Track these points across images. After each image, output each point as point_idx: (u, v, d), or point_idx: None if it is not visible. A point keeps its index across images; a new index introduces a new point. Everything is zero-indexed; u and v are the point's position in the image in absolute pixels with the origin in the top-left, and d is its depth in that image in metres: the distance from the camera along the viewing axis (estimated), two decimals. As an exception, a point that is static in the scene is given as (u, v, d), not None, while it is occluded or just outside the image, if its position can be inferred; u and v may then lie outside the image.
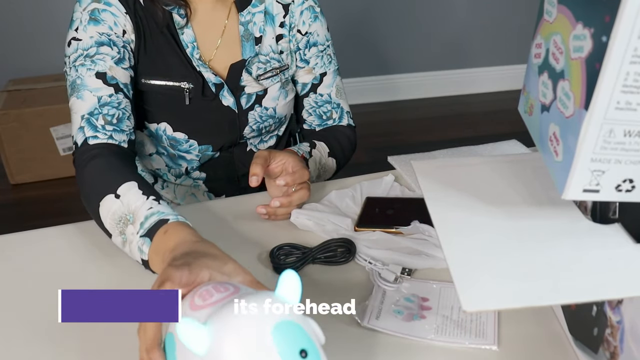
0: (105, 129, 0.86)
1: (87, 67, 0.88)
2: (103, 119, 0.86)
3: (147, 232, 0.70)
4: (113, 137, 0.86)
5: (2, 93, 2.33)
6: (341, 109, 1.10)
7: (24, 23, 2.49)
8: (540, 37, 0.61)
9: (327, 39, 1.08)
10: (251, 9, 1.01)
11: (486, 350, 0.62)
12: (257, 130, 1.05)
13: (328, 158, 1.03)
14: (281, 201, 0.84)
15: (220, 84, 0.99)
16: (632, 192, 0.51)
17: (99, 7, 0.90)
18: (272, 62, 1.03)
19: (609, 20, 0.44)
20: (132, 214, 0.73)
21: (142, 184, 0.77)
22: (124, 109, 0.89)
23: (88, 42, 0.89)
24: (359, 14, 2.76)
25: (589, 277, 0.51)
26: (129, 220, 0.72)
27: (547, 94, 0.58)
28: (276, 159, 0.88)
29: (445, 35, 2.89)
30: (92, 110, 0.86)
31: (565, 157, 0.52)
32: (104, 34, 0.90)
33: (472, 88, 3.02)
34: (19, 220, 2.14)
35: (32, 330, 0.67)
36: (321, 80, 1.08)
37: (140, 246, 0.70)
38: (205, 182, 1.07)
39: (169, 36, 0.96)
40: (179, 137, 1.00)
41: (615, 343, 0.52)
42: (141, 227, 0.71)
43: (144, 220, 0.71)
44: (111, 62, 0.89)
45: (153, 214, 0.71)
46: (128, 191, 0.75)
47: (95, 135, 0.85)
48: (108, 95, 0.88)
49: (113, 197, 0.75)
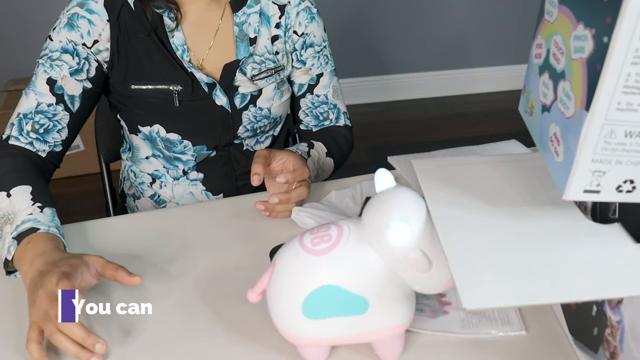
0: (30, 135, 0.90)
1: (44, 69, 0.92)
2: (31, 126, 0.90)
3: (17, 235, 0.74)
4: (33, 145, 0.90)
5: (2, 93, 2.33)
6: (338, 109, 1.10)
7: (23, 23, 2.48)
8: (540, 37, 0.61)
9: (323, 39, 1.07)
10: (246, 9, 1.01)
11: (515, 336, 0.63)
12: (252, 130, 1.05)
13: (326, 158, 1.03)
14: (280, 198, 0.84)
15: (212, 83, 0.99)
16: (632, 193, 0.51)
17: (80, 12, 0.93)
18: (267, 62, 1.03)
19: (610, 21, 0.44)
20: (14, 215, 0.77)
21: (36, 190, 0.81)
22: (58, 121, 0.92)
23: (55, 45, 0.92)
24: (359, 14, 2.76)
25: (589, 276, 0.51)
26: (9, 220, 0.77)
27: (547, 95, 0.58)
28: (276, 157, 0.88)
29: (445, 35, 2.89)
30: (26, 113, 0.90)
31: (566, 158, 0.52)
32: (72, 41, 0.92)
33: (472, 88, 3.01)
34: (19, 220, 2.13)
35: (32, 330, 0.67)
36: (318, 81, 1.08)
37: (9, 247, 0.74)
38: (203, 182, 1.07)
39: (156, 40, 0.97)
40: (172, 138, 1.00)
41: (615, 343, 0.52)
42: (15, 229, 0.75)
43: (20, 224, 0.76)
44: (66, 72, 0.92)
45: (30, 220, 0.76)
46: (20, 193, 0.80)
47: (18, 137, 0.89)
48: (47, 104, 0.91)
49: (5, 195, 0.80)
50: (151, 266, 0.77)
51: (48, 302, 0.63)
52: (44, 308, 0.64)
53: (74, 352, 0.61)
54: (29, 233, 0.74)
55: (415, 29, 2.84)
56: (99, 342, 0.61)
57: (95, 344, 0.61)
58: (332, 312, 0.57)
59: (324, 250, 0.57)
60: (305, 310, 0.56)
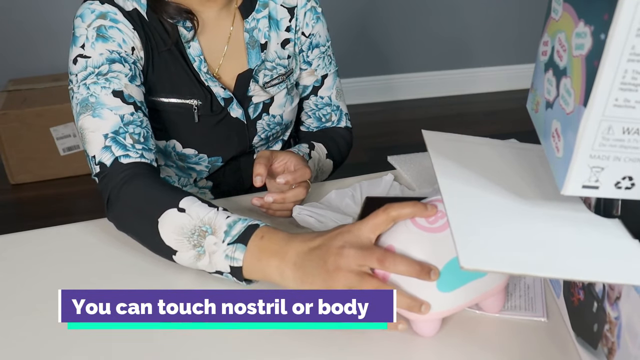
0: (135, 147, 0.81)
1: (101, 85, 0.83)
2: (131, 138, 0.81)
3: (237, 238, 0.67)
4: (144, 156, 0.82)
5: (2, 93, 2.33)
6: (340, 111, 1.10)
7: (23, 23, 2.49)
8: (547, 35, 0.62)
9: (327, 39, 1.07)
10: (255, 14, 0.98)
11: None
12: (265, 139, 1.04)
13: (326, 160, 1.03)
14: (275, 197, 0.83)
15: (229, 98, 0.97)
16: (631, 190, 0.51)
17: (106, 23, 0.86)
18: (278, 68, 1.01)
19: (607, 18, 0.44)
20: (209, 225, 0.69)
21: (199, 198, 0.74)
22: (147, 127, 0.85)
23: (98, 60, 0.84)
24: (360, 15, 2.76)
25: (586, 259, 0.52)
26: (206, 232, 0.69)
27: (551, 91, 0.58)
28: (278, 158, 0.88)
29: (445, 35, 2.89)
30: (116, 129, 0.81)
31: (565, 153, 0.52)
32: (114, 51, 0.85)
33: (472, 88, 3.02)
34: (19, 220, 2.14)
35: (32, 330, 0.67)
36: (322, 83, 1.07)
37: (230, 254, 0.67)
38: (211, 190, 1.07)
39: (176, 52, 0.92)
40: (188, 152, 0.98)
41: (612, 339, 0.52)
42: (226, 235, 0.68)
43: (228, 229, 0.68)
44: (126, 80, 0.85)
45: (235, 222, 0.69)
46: (192, 204, 0.72)
47: (127, 154, 0.80)
48: (129, 113, 0.83)
49: (176, 210, 0.71)
50: (151, 266, 0.77)
51: (357, 255, 0.60)
52: (351, 267, 0.59)
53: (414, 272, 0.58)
54: (251, 231, 0.68)
55: (415, 29, 2.84)
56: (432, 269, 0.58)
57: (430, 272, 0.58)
58: (460, 281, 0.60)
59: (443, 225, 0.59)
60: (439, 285, 0.59)
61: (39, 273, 0.78)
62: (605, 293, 0.53)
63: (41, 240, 0.85)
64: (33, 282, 0.76)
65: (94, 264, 0.79)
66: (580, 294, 0.59)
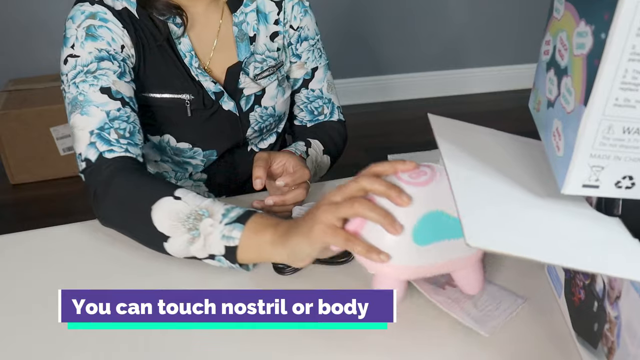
0: (120, 142, 0.82)
1: (89, 83, 0.84)
2: (116, 133, 0.82)
3: (236, 219, 0.69)
4: (129, 151, 0.82)
5: (2, 93, 2.33)
6: (332, 104, 1.11)
7: (23, 23, 2.49)
8: (549, 35, 0.62)
9: (316, 32, 1.08)
10: (243, 8, 1.00)
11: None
12: (259, 131, 1.05)
13: (323, 156, 1.03)
14: (275, 200, 0.83)
15: (220, 92, 0.98)
16: (632, 189, 0.51)
17: (95, 23, 0.87)
18: (268, 60, 1.02)
19: (607, 17, 0.44)
20: (206, 209, 0.71)
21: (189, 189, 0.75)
22: (134, 122, 0.85)
23: (87, 58, 0.85)
24: (358, 15, 2.76)
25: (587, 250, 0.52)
26: (202, 215, 0.70)
27: (552, 90, 0.58)
28: (276, 160, 0.88)
29: (444, 35, 2.89)
30: (101, 125, 0.82)
31: (566, 152, 0.52)
32: (102, 49, 0.86)
33: (471, 88, 3.02)
34: (19, 220, 2.14)
35: (32, 331, 0.67)
36: (312, 75, 1.08)
37: (227, 233, 0.68)
38: (206, 183, 1.07)
39: (167, 48, 0.94)
40: (182, 147, 0.99)
41: (612, 338, 0.52)
42: (224, 217, 0.69)
43: (226, 212, 0.70)
44: (114, 77, 0.85)
45: (233, 207, 0.71)
46: (187, 194, 0.73)
47: (111, 149, 0.81)
48: (116, 109, 0.84)
49: (171, 198, 0.72)
50: (151, 266, 0.77)
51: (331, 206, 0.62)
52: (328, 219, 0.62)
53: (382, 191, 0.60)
54: (250, 214, 0.69)
55: (413, 29, 2.85)
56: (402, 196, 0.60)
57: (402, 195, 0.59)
58: (437, 236, 0.60)
59: (425, 181, 0.61)
60: (415, 236, 0.59)
61: (38, 273, 0.78)
62: (606, 292, 0.53)
63: (41, 240, 0.85)
64: (33, 282, 0.76)
65: (94, 264, 0.79)
66: (581, 294, 0.59)
